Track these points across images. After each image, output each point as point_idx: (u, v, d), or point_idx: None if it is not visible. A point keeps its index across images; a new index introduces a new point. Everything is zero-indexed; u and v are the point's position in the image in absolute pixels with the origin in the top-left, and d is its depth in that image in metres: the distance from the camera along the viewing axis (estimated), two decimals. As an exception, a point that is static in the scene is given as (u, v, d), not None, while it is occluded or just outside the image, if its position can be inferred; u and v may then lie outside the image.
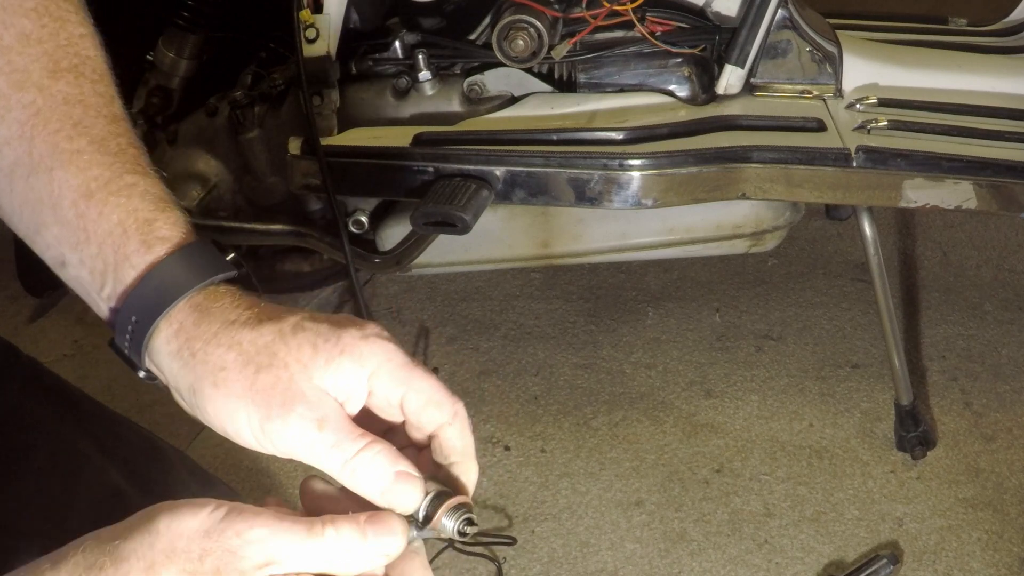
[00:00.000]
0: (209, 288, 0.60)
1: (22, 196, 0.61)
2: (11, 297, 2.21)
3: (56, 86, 0.61)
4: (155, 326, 0.59)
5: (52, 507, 0.76)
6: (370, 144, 1.67)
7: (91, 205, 0.60)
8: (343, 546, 0.52)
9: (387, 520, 0.54)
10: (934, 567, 1.63)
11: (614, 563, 1.67)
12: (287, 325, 0.58)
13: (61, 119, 0.61)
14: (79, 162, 0.60)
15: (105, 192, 0.60)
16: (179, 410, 0.62)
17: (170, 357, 0.59)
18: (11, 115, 0.60)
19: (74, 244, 0.60)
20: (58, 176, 0.60)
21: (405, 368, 0.58)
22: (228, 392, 0.56)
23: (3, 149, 0.61)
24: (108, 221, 0.60)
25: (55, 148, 0.60)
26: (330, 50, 1.65)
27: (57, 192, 0.60)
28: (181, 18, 1.82)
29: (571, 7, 1.68)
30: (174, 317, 0.59)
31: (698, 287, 2.25)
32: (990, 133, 1.65)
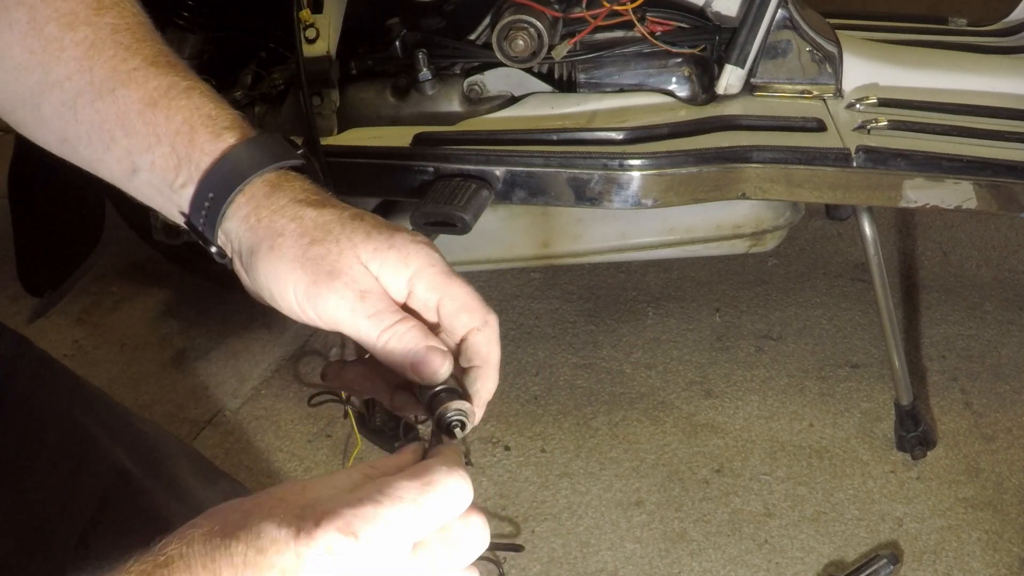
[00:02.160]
0: (281, 171, 0.65)
1: (89, 121, 0.65)
2: (11, 297, 2.21)
3: (103, 20, 0.66)
4: (231, 199, 0.63)
5: (62, 488, 0.78)
6: (370, 144, 1.67)
7: (157, 112, 0.64)
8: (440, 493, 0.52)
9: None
10: (934, 567, 1.63)
11: (614, 563, 1.67)
12: (348, 212, 0.63)
13: (114, 46, 0.66)
14: (138, 78, 0.65)
15: (167, 99, 0.65)
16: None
17: (239, 222, 0.63)
18: (66, 53, 0.65)
19: (145, 149, 0.65)
20: (121, 94, 0.65)
21: (445, 275, 0.62)
22: (281, 255, 0.61)
23: (64, 84, 0.65)
24: (175, 121, 0.64)
25: (114, 71, 0.65)
26: (330, 50, 1.65)
27: (123, 108, 0.65)
28: (181, 18, 1.82)
29: (571, 7, 1.68)
30: (248, 190, 0.63)
31: (698, 287, 2.25)
32: (990, 133, 1.65)
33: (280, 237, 0.61)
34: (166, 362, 2.11)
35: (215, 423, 1.95)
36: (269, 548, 0.47)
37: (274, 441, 1.92)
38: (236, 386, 2.04)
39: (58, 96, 0.66)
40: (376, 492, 0.50)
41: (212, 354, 2.12)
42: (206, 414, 1.97)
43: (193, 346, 2.15)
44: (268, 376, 2.06)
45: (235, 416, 1.97)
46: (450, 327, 0.63)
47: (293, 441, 1.91)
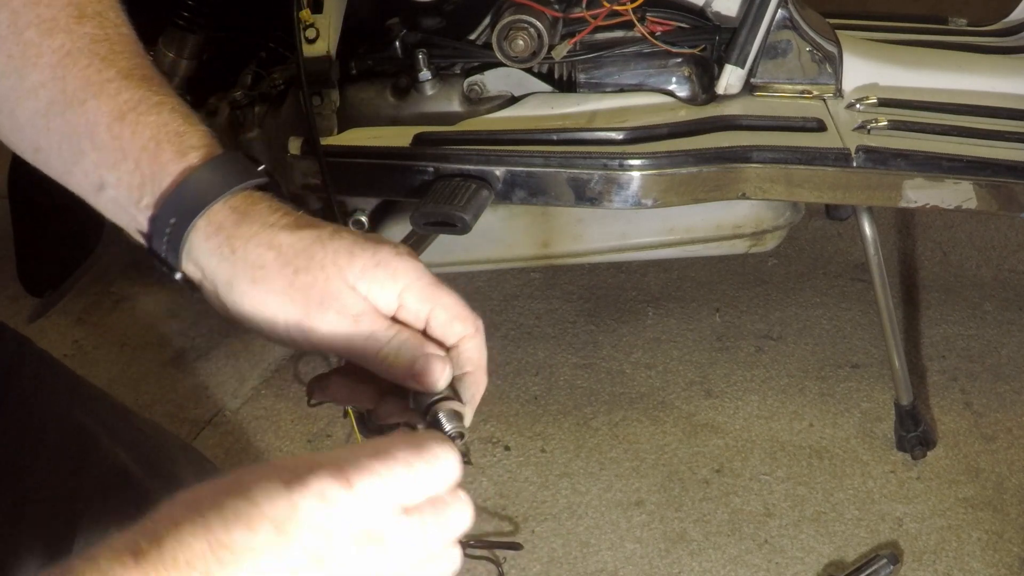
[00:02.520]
0: (245, 192, 0.63)
1: (59, 132, 0.64)
2: (11, 297, 2.21)
3: (82, 29, 0.65)
4: (193, 225, 0.61)
5: (62, 486, 0.78)
6: (370, 144, 1.67)
7: (124, 126, 0.63)
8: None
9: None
10: (934, 567, 1.63)
11: (614, 563, 1.67)
12: (325, 232, 0.62)
13: (90, 56, 0.65)
14: (109, 90, 0.64)
15: (136, 113, 0.63)
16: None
17: (209, 253, 0.61)
18: (43, 60, 0.65)
19: (112, 164, 0.63)
20: (91, 106, 0.64)
21: (433, 286, 0.63)
22: (267, 289, 0.60)
23: (39, 91, 0.65)
24: (141, 137, 0.63)
25: (87, 81, 0.64)
26: (330, 50, 1.65)
27: (92, 120, 0.63)
28: (181, 18, 1.82)
29: (571, 7, 1.68)
30: (212, 217, 0.62)
31: (698, 287, 2.25)
32: (990, 133, 1.65)
33: (261, 269, 0.60)
34: (166, 362, 2.11)
35: (215, 423, 1.95)
36: (261, 499, 0.47)
37: (274, 441, 1.92)
38: (236, 386, 2.04)
39: (32, 104, 0.65)
40: (370, 449, 0.51)
41: (212, 354, 2.12)
42: (206, 414, 1.97)
43: (193, 346, 2.15)
44: (268, 376, 2.06)
45: (235, 416, 1.97)
46: (442, 335, 0.63)
47: (293, 441, 1.91)
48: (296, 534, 0.47)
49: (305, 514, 0.47)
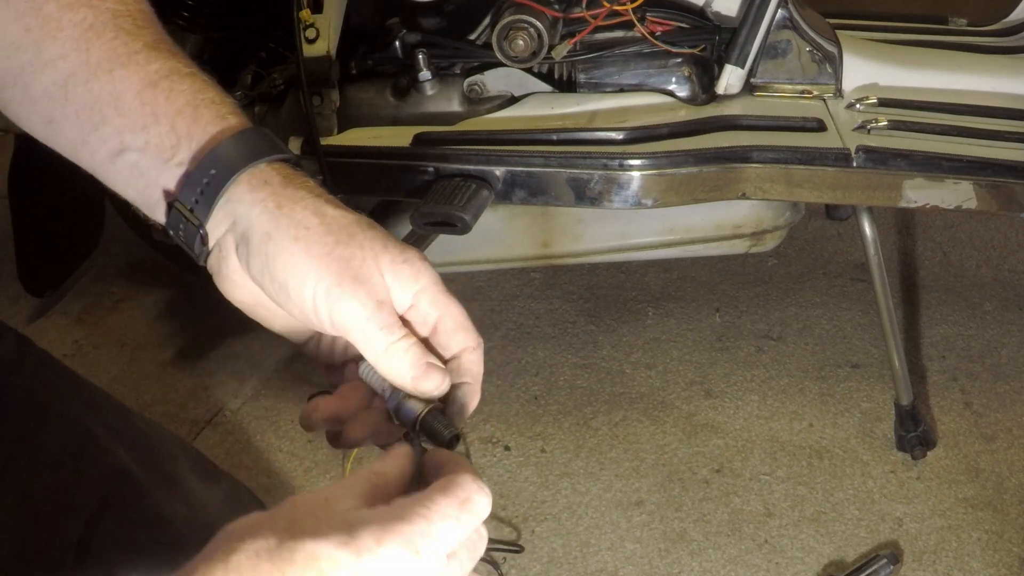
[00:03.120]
0: (286, 164, 0.64)
1: (80, 101, 0.64)
2: (11, 297, 2.21)
3: (105, 4, 0.66)
4: (236, 178, 0.62)
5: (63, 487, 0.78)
6: (370, 144, 1.67)
7: (157, 92, 0.64)
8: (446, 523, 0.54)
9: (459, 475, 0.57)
10: (934, 567, 1.63)
11: (614, 563, 1.67)
12: (363, 218, 0.64)
13: (115, 29, 0.65)
14: (139, 60, 0.64)
15: (169, 80, 0.64)
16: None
17: (252, 203, 0.62)
18: (63, 33, 0.65)
19: (140, 128, 0.63)
20: (119, 75, 0.64)
21: (446, 295, 0.64)
22: (307, 250, 0.61)
23: (58, 63, 0.65)
24: (176, 102, 0.63)
25: (113, 52, 0.64)
26: (330, 50, 1.65)
27: (120, 88, 0.64)
28: (181, 18, 1.82)
29: (571, 7, 1.68)
30: (258, 173, 0.62)
31: (698, 287, 2.25)
32: (990, 133, 1.65)
33: (305, 230, 0.61)
34: (166, 362, 2.11)
35: (215, 423, 1.95)
36: (332, 570, 0.49)
37: (274, 441, 1.92)
38: (236, 386, 2.04)
39: (50, 75, 0.65)
40: (422, 509, 0.52)
41: (212, 354, 2.12)
42: (206, 414, 1.97)
43: (193, 346, 2.15)
44: (268, 376, 2.06)
45: (235, 416, 1.97)
46: (445, 344, 0.65)
47: (293, 441, 1.91)
48: None
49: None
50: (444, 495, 0.53)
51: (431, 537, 0.52)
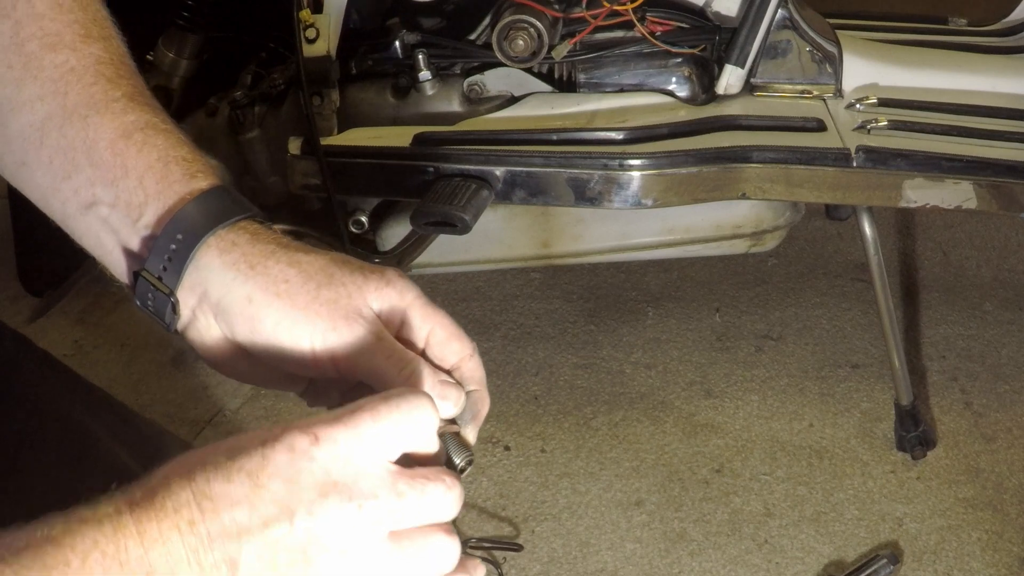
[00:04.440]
0: (253, 221, 0.64)
1: (54, 146, 0.63)
2: (11, 297, 2.21)
3: (88, 49, 0.65)
4: (204, 241, 0.61)
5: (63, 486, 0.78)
6: (370, 144, 1.67)
7: (130, 144, 0.63)
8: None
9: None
10: (934, 567, 1.63)
11: (614, 563, 1.67)
12: (336, 255, 0.64)
13: (95, 75, 0.64)
14: (115, 109, 0.64)
15: (143, 134, 0.63)
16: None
17: (223, 268, 0.61)
18: (44, 74, 0.64)
19: (109, 181, 0.63)
20: (94, 122, 0.63)
21: (431, 307, 0.65)
22: (292, 303, 0.60)
23: (35, 105, 0.64)
24: (149, 156, 0.63)
25: (91, 98, 0.63)
26: (330, 50, 1.65)
27: (93, 136, 0.63)
28: (181, 18, 1.82)
29: (571, 7, 1.68)
30: (225, 236, 0.62)
31: (698, 287, 2.25)
32: (990, 133, 1.65)
33: (285, 283, 0.61)
34: (166, 362, 2.11)
35: (215, 423, 1.95)
36: (238, 453, 0.51)
37: (274, 441, 1.91)
38: (236, 386, 2.04)
39: (27, 116, 0.64)
40: (336, 410, 0.53)
41: (212, 354, 2.12)
42: (206, 414, 1.97)
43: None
44: (268, 376, 2.06)
45: (235, 416, 1.97)
46: (441, 356, 0.65)
47: (293, 441, 1.91)
48: (267, 484, 0.50)
49: (275, 466, 0.51)
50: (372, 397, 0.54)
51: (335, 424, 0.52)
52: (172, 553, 0.49)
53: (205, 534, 0.50)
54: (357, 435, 0.52)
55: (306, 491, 0.51)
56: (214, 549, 0.50)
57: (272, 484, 0.51)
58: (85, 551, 0.49)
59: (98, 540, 0.49)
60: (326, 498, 0.51)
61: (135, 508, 0.50)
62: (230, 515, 0.50)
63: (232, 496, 0.50)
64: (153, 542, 0.49)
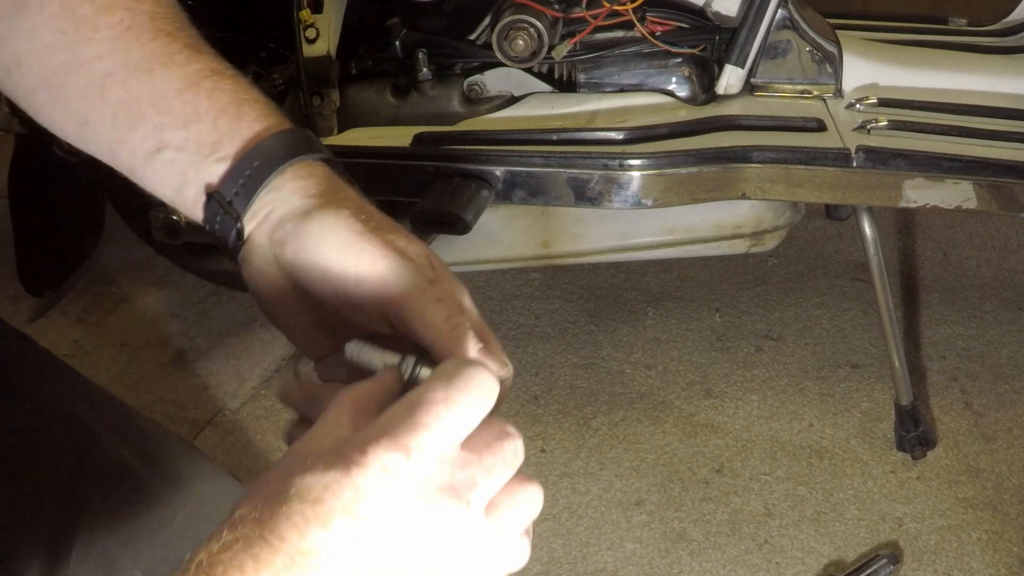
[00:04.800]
0: (331, 166, 0.63)
1: (115, 101, 0.63)
2: (11, 297, 2.21)
3: (141, 6, 0.65)
4: (280, 170, 0.60)
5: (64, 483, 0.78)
6: (370, 144, 1.67)
7: (199, 91, 0.62)
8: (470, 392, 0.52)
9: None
10: (934, 567, 1.63)
11: (614, 563, 1.67)
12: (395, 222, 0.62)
13: (153, 31, 0.64)
14: (179, 60, 0.63)
15: (211, 80, 0.63)
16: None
17: (292, 192, 0.60)
18: (100, 34, 0.64)
19: (180, 126, 0.62)
20: (159, 74, 0.63)
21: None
22: (347, 224, 0.58)
23: (94, 64, 0.63)
24: (219, 101, 0.62)
25: (152, 53, 0.63)
26: (330, 50, 1.65)
27: (161, 87, 0.62)
28: (181, 18, 1.82)
29: (571, 7, 1.68)
30: (301, 169, 0.61)
31: (698, 287, 2.25)
32: (990, 133, 1.65)
33: (346, 210, 0.59)
34: (166, 362, 2.11)
35: (215, 423, 1.95)
36: (324, 495, 0.45)
37: (274, 441, 1.92)
38: (236, 386, 2.04)
39: (85, 76, 0.64)
40: (403, 408, 0.49)
41: (212, 354, 2.12)
42: (206, 414, 1.97)
43: (193, 346, 2.15)
44: (268, 376, 2.06)
45: (235, 416, 1.97)
46: None
47: (293, 441, 1.91)
48: (371, 516, 0.46)
49: (373, 493, 0.46)
50: (431, 385, 0.50)
51: (416, 429, 0.47)
52: None
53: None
54: (441, 431, 0.48)
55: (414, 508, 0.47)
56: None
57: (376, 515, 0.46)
58: None
59: None
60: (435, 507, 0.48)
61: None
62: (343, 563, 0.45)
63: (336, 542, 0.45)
64: None
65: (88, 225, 2.11)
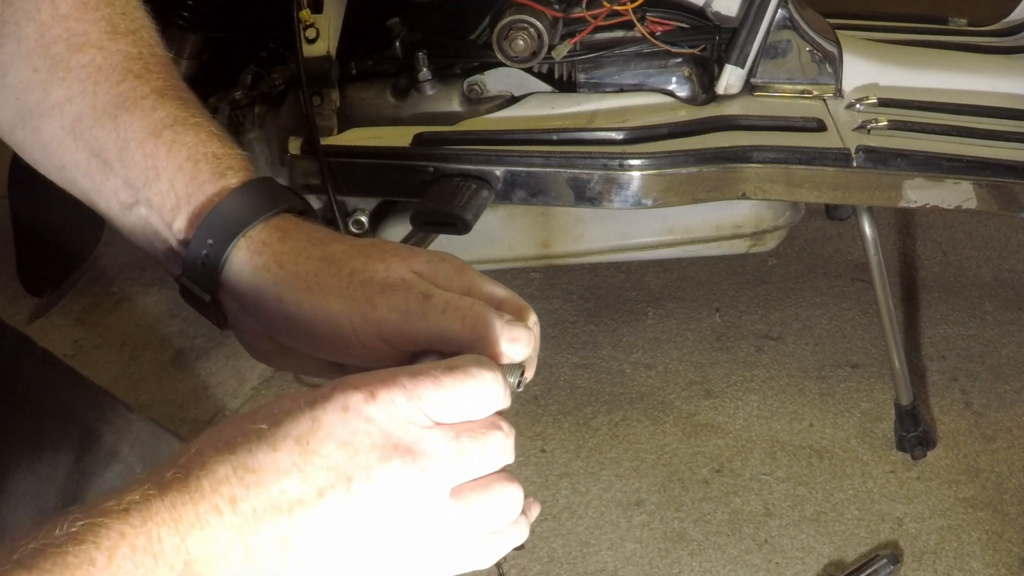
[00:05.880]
0: (285, 215, 0.60)
1: (86, 148, 0.62)
2: (11, 297, 2.21)
3: (116, 46, 0.63)
4: (235, 244, 0.58)
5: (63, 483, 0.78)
6: (370, 144, 1.67)
7: (159, 144, 0.60)
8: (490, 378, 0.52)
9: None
10: (934, 567, 1.63)
11: (614, 563, 1.67)
12: (376, 239, 0.61)
13: (123, 72, 0.62)
14: (144, 106, 0.61)
15: (172, 131, 0.61)
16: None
17: (254, 272, 0.58)
18: (71, 75, 0.62)
19: (143, 183, 0.61)
20: (124, 120, 0.61)
21: (492, 282, 0.61)
22: (323, 295, 0.56)
23: (64, 107, 0.62)
24: (178, 156, 0.60)
25: (119, 96, 0.62)
26: (330, 50, 1.65)
27: (124, 136, 0.61)
28: (181, 18, 1.82)
29: (571, 7, 1.68)
30: (255, 236, 0.59)
31: (698, 287, 2.25)
32: (990, 133, 1.65)
33: (315, 277, 0.57)
34: (166, 362, 2.11)
35: (215, 423, 1.95)
36: (284, 419, 0.46)
37: (274, 441, 1.91)
38: (236, 386, 2.04)
39: (58, 120, 0.62)
40: (392, 370, 0.48)
41: (212, 354, 2.12)
42: (206, 414, 1.97)
43: (193, 346, 2.15)
44: (268, 376, 2.06)
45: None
46: None
47: (293, 441, 1.91)
48: (319, 449, 0.45)
49: (327, 428, 0.45)
50: (436, 363, 0.50)
51: (395, 385, 0.47)
52: (212, 537, 0.44)
53: (250, 512, 0.44)
54: (417, 399, 0.47)
55: (364, 455, 0.46)
56: (261, 528, 0.45)
57: (325, 448, 0.45)
58: (111, 546, 0.42)
59: (125, 532, 0.43)
60: (387, 462, 0.46)
61: (166, 491, 0.44)
62: (278, 487, 0.45)
63: (279, 465, 0.45)
64: (190, 527, 0.44)
65: (88, 225, 2.11)
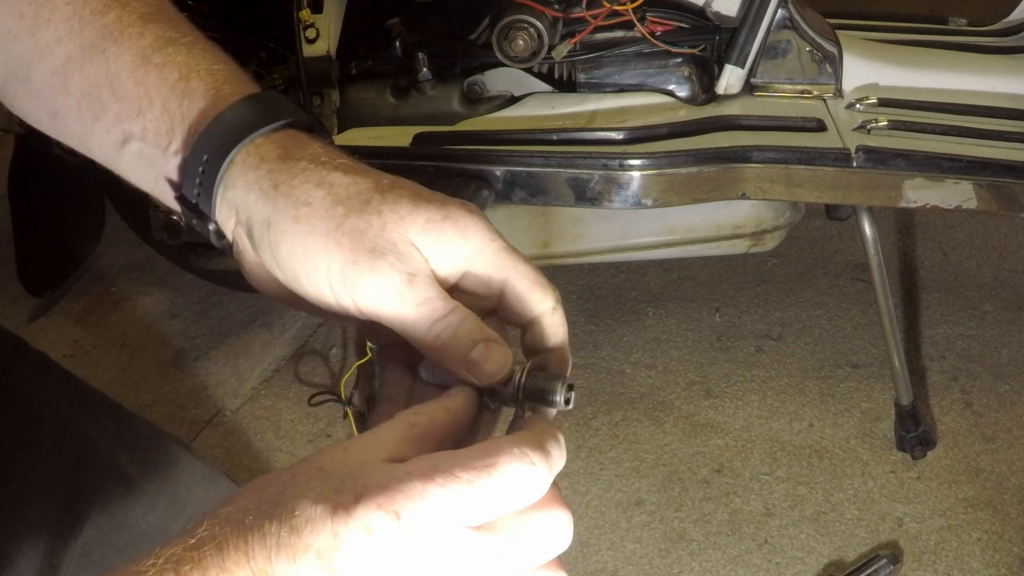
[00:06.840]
0: (292, 131, 0.56)
1: (78, 89, 0.59)
2: (11, 297, 2.21)
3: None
4: (231, 158, 0.54)
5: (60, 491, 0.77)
6: (370, 144, 1.67)
7: (149, 69, 0.57)
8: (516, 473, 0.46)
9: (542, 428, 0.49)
10: (934, 567, 1.63)
11: (614, 563, 1.67)
12: (385, 178, 0.54)
13: (107, 3, 0.59)
14: (130, 34, 0.58)
15: (162, 53, 0.57)
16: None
17: (247, 188, 0.53)
18: (57, 15, 0.59)
19: (137, 113, 0.57)
20: (112, 52, 0.58)
21: (507, 251, 0.55)
22: (311, 228, 0.51)
23: (54, 49, 0.59)
24: (170, 77, 0.56)
25: (104, 28, 0.58)
26: (330, 50, 1.65)
27: (113, 69, 0.57)
28: (181, 18, 1.82)
29: (571, 7, 1.68)
30: (253, 150, 0.54)
31: (698, 287, 2.25)
32: (990, 133, 1.65)
33: (306, 207, 0.52)
34: (166, 362, 2.11)
35: (215, 423, 1.95)
36: (304, 528, 0.43)
37: (274, 441, 1.92)
38: (236, 386, 2.04)
39: (48, 63, 0.59)
40: (429, 467, 0.44)
41: (212, 354, 2.12)
42: (206, 414, 1.97)
43: (193, 346, 2.15)
44: (268, 376, 2.06)
45: (235, 416, 1.97)
46: (520, 309, 0.56)
47: (293, 441, 1.91)
48: (340, 569, 0.43)
49: (350, 548, 0.43)
50: (469, 454, 0.45)
51: (422, 500, 0.43)
52: None
53: None
54: (448, 509, 0.44)
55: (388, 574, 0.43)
56: None
57: (347, 568, 0.43)
58: None
59: None
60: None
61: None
62: None
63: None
64: None
65: (88, 225, 2.11)
